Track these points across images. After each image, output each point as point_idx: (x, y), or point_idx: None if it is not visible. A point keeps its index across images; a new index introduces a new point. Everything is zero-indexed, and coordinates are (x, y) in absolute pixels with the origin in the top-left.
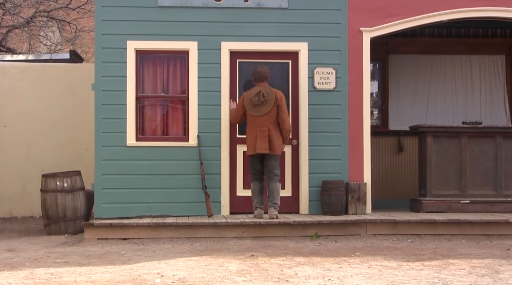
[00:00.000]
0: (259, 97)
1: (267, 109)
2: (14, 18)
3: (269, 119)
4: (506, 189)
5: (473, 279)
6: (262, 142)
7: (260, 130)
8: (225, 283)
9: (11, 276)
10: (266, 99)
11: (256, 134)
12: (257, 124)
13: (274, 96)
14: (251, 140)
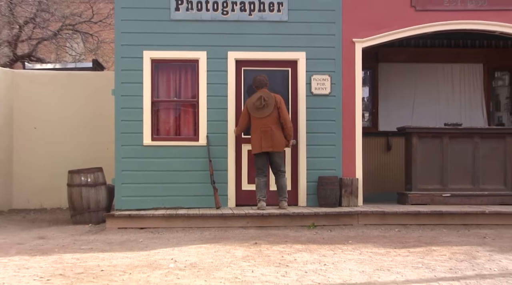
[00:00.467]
0: (260, 101)
1: (269, 111)
2: (43, 31)
3: (271, 120)
4: (483, 184)
5: (453, 264)
6: (266, 141)
7: (263, 130)
8: (231, 268)
9: (42, 260)
10: (267, 102)
11: (260, 135)
12: (261, 126)
13: (274, 100)
14: (256, 140)
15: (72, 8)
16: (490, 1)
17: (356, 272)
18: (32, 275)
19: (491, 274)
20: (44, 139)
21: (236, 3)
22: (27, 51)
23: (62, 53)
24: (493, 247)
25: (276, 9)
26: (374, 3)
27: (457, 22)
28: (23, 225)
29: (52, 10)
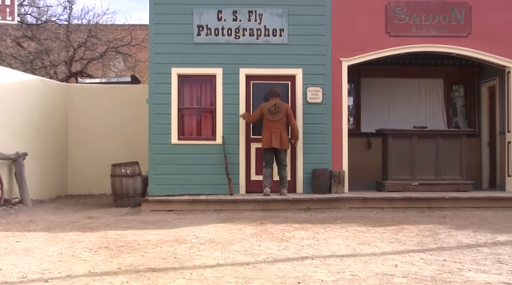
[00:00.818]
0: (275, 107)
1: (280, 116)
2: (92, 53)
3: (281, 124)
4: (444, 175)
5: (420, 239)
6: (275, 139)
7: (274, 131)
8: (242, 243)
9: (91, 235)
10: (279, 109)
11: (271, 134)
12: (272, 127)
13: (285, 108)
14: (267, 138)
15: (115, 34)
16: (448, 29)
17: (342, 246)
18: (83, 247)
19: (450, 247)
20: (92, 139)
21: (246, 30)
22: (79, 69)
23: (107, 70)
24: (451, 225)
25: (278, 34)
26: (357, 30)
27: (423, 46)
28: (76, 208)
29: (99, 36)
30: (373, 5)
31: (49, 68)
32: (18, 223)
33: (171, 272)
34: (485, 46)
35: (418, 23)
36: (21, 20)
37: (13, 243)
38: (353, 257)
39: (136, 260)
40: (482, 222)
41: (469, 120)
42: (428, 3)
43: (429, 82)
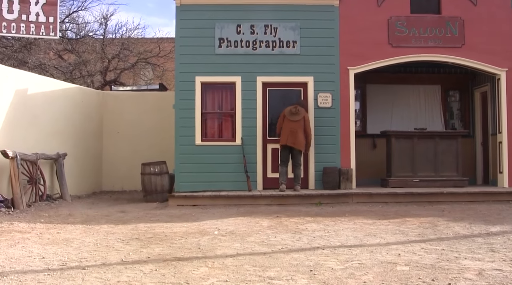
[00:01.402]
0: (296, 109)
1: (299, 118)
2: (125, 63)
3: (298, 125)
4: (442, 172)
5: (421, 230)
6: (291, 138)
7: (291, 130)
8: (260, 234)
9: (123, 228)
10: (299, 112)
11: (288, 133)
12: (290, 126)
13: (303, 112)
14: (285, 136)
15: (145, 47)
16: (444, 41)
17: (351, 237)
18: (116, 238)
19: (448, 237)
20: (124, 140)
21: (262, 42)
22: (113, 78)
23: (137, 78)
24: (449, 218)
25: (291, 45)
26: (362, 41)
27: (421, 55)
28: (109, 202)
29: (131, 48)
30: (377, 19)
31: (86, 77)
32: (58, 216)
33: (195, 261)
34: (477, 56)
35: (417, 35)
36: (63, 35)
37: (54, 234)
38: (360, 247)
39: (164, 250)
40: (477, 214)
41: (464, 122)
42: (426, 17)
43: (427, 88)
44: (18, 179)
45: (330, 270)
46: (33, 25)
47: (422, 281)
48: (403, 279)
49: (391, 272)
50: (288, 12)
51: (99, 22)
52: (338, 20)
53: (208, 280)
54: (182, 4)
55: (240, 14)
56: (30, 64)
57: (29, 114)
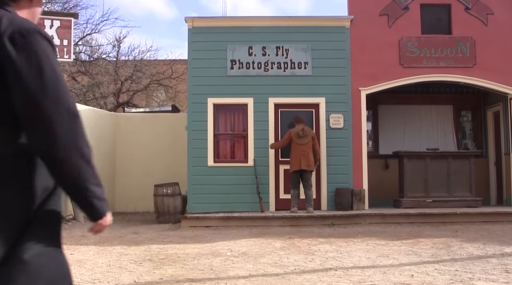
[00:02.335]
0: (303, 132)
1: (307, 140)
2: (137, 85)
3: (308, 147)
4: (455, 192)
5: (434, 251)
6: (304, 161)
7: (303, 154)
8: (272, 255)
9: (136, 249)
10: (306, 134)
11: (300, 157)
12: (300, 150)
13: (311, 133)
14: (296, 160)
15: (157, 69)
16: (456, 61)
17: (364, 258)
18: (129, 259)
19: (462, 258)
20: (137, 161)
21: (274, 63)
22: (126, 99)
23: (150, 100)
24: (462, 238)
25: (303, 67)
26: (373, 62)
27: (433, 76)
28: (122, 224)
29: (144, 70)
30: (388, 40)
31: (100, 99)
32: (71, 237)
33: (208, 282)
34: (489, 76)
35: (428, 55)
36: (76, 58)
37: (67, 255)
38: (373, 268)
39: (176, 271)
40: (491, 235)
41: (477, 142)
42: (437, 37)
43: (439, 108)
44: None
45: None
46: None
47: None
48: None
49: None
50: (299, 33)
51: (112, 44)
52: (350, 41)
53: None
54: (195, 26)
55: (252, 36)
56: None
57: None
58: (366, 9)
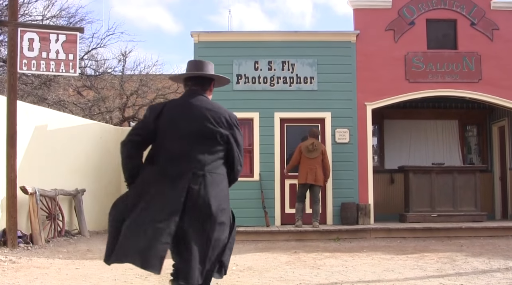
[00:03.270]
0: (313, 145)
1: (317, 154)
2: (143, 99)
3: (317, 162)
4: (460, 207)
5: (439, 265)
6: (311, 176)
7: (310, 168)
8: (278, 270)
9: None
10: (316, 148)
11: (307, 170)
12: (309, 164)
13: (321, 147)
14: (303, 174)
15: (163, 83)
16: (461, 76)
17: (369, 272)
18: (135, 274)
19: (466, 272)
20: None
21: (280, 78)
22: (131, 114)
23: None
24: (468, 253)
25: (309, 81)
26: (379, 77)
27: (439, 91)
28: None
29: (149, 85)
30: (394, 55)
31: (105, 113)
32: (77, 251)
33: None
34: (494, 91)
35: (434, 70)
36: (82, 72)
37: (73, 270)
38: (378, 283)
39: None
40: (496, 249)
41: (482, 157)
42: (443, 53)
43: (445, 123)
44: (37, 215)
45: None
46: (53, 62)
47: None
48: None
49: None
50: (305, 48)
51: (117, 59)
52: (355, 56)
53: None
54: (200, 41)
55: (258, 50)
56: (49, 101)
57: (49, 150)
58: (372, 24)
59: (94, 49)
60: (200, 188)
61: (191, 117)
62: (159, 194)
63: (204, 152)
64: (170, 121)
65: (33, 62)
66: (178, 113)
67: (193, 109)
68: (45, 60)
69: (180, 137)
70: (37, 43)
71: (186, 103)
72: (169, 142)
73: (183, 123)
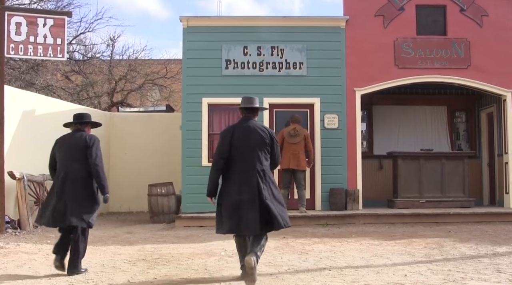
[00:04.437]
0: (294, 131)
1: (299, 139)
2: (132, 85)
3: (299, 147)
4: (448, 193)
5: (427, 251)
6: (294, 161)
7: (292, 153)
8: (266, 255)
9: (130, 249)
10: (298, 133)
11: (290, 156)
12: (291, 149)
13: (303, 133)
14: (286, 159)
15: (152, 68)
16: (450, 62)
17: (357, 258)
18: (123, 259)
19: (454, 258)
20: (131, 162)
21: (269, 63)
22: (120, 99)
23: (144, 100)
24: (455, 239)
25: (298, 67)
26: (368, 63)
27: (428, 77)
28: (116, 224)
29: (138, 70)
30: (383, 41)
31: (94, 98)
32: None
33: (202, 282)
34: (483, 77)
35: (423, 56)
36: (70, 57)
37: None
38: (366, 268)
39: (170, 271)
40: (483, 235)
41: (471, 143)
42: (432, 39)
43: (434, 109)
44: (25, 200)
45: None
46: (40, 46)
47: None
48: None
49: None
50: (294, 33)
51: (106, 43)
52: (345, 41)
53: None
54: (189, 26)
55: (247, 35)
56: (37, 86)
57: (37, 135)
58: (362, 10)
59: (82, 33)
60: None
61: (251, 135)
62: (239, 185)
63: (262, 158)
64: (239, 139)
65: (21, 47)
66: (243, 134)
67: (251, 130)
68: (33, 45)
69: (245, 149)
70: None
71: (246, 127)
72: (238, 154)
73: (247, 139)
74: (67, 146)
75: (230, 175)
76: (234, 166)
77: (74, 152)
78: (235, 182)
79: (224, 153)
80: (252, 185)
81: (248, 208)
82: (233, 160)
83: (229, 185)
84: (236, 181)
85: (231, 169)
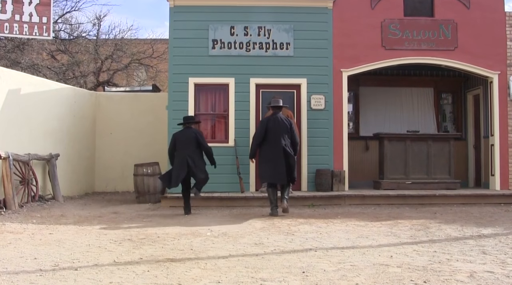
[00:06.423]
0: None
1: None
2: (118, 64)
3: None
4: (434, 174)
5: (413, 232)
6: None
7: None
8: (252, 236)
9: (115, 228)
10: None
11: None
12: None
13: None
14: None
15: (138, 48)
16: (437, 44)
17: (343, 239)
18: (109, 239)
19: (439, 239)
20: (117, 141)
21: (256, 43)
22: (106, 79)
23: (130, 79)
24: (441, 220)
25: (285, 47)
26: (355, 44)
27: (415, 58)
28: (102, 203)
29: (124, 49)
30: (370, 22)
31: (79, 78)
32: (51, 217)
33: (188, 262)
34: (470, 59)
35: (410, 38)
36: (56, 36)
37: (46, 235)
38: (352, 249)
39: (156, 251)
40: (469, 217)
41: (457, 125)
42: (419, 20)
43: (420, 91)
44: (10, 179)
45: (323, 271)
46: (26, 25)
47: (414, 283)
48: (395, 280)
49: (383, 273)
50: (281, 14)
51: (92, 22)
52: (332, 22)
53: (201, 281)
54: (176, 5)
55: (234, 15)
56: (23, 65)
57: (22, 114)
58: None
59: (68, 12)
60: (285, 148)
61: (280, 123)
62: (272, 153)
63: (286, 138)
64: (271, 126)
65: (6, 25)
66: (274, 122)
67: (279, 120)
68: (18, 23)
69: (275, 132)
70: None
71: (276, 118)
72: (271, 135)
73: (277, 126)
74: (184, 138)
75: (266, 147)
76: (269, 143)
77: (190, 141)
78: (270, 152)
79: (262, 134)
80: (280, 153)
81: (279, 166)
82: (267, 139)
83: (266, 153)
84: (270, 151)
85: (267, 144)
